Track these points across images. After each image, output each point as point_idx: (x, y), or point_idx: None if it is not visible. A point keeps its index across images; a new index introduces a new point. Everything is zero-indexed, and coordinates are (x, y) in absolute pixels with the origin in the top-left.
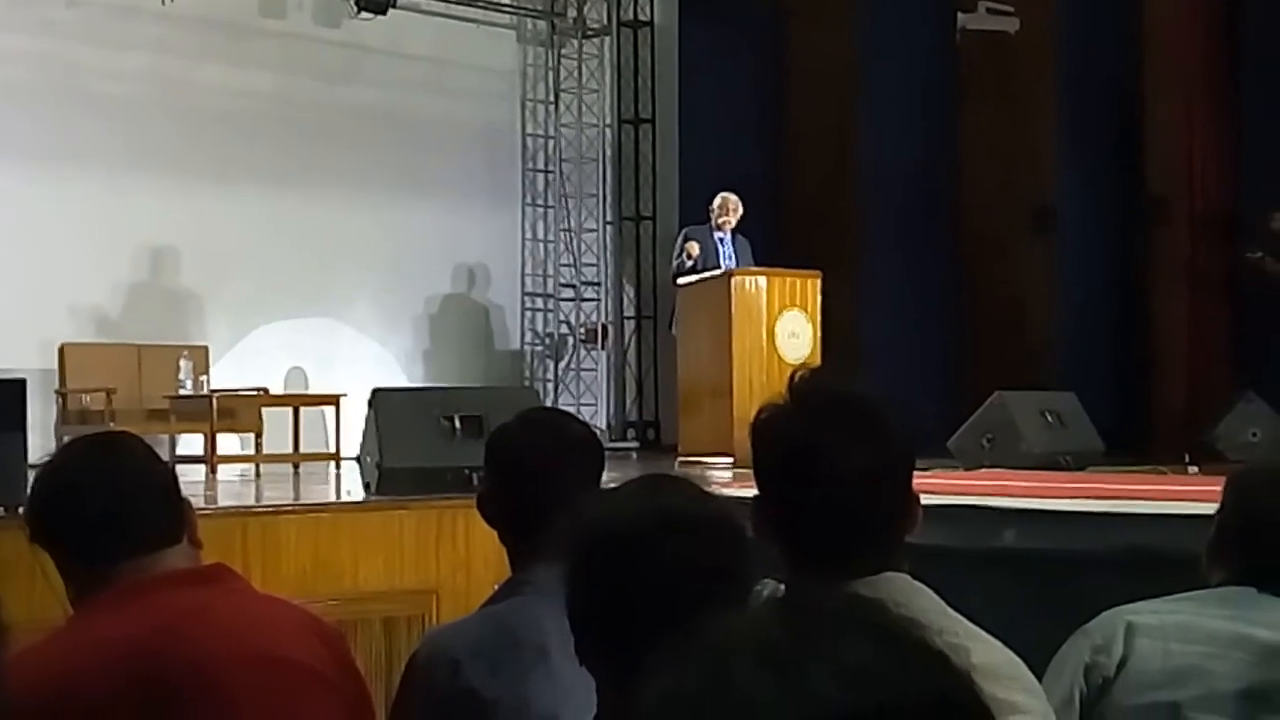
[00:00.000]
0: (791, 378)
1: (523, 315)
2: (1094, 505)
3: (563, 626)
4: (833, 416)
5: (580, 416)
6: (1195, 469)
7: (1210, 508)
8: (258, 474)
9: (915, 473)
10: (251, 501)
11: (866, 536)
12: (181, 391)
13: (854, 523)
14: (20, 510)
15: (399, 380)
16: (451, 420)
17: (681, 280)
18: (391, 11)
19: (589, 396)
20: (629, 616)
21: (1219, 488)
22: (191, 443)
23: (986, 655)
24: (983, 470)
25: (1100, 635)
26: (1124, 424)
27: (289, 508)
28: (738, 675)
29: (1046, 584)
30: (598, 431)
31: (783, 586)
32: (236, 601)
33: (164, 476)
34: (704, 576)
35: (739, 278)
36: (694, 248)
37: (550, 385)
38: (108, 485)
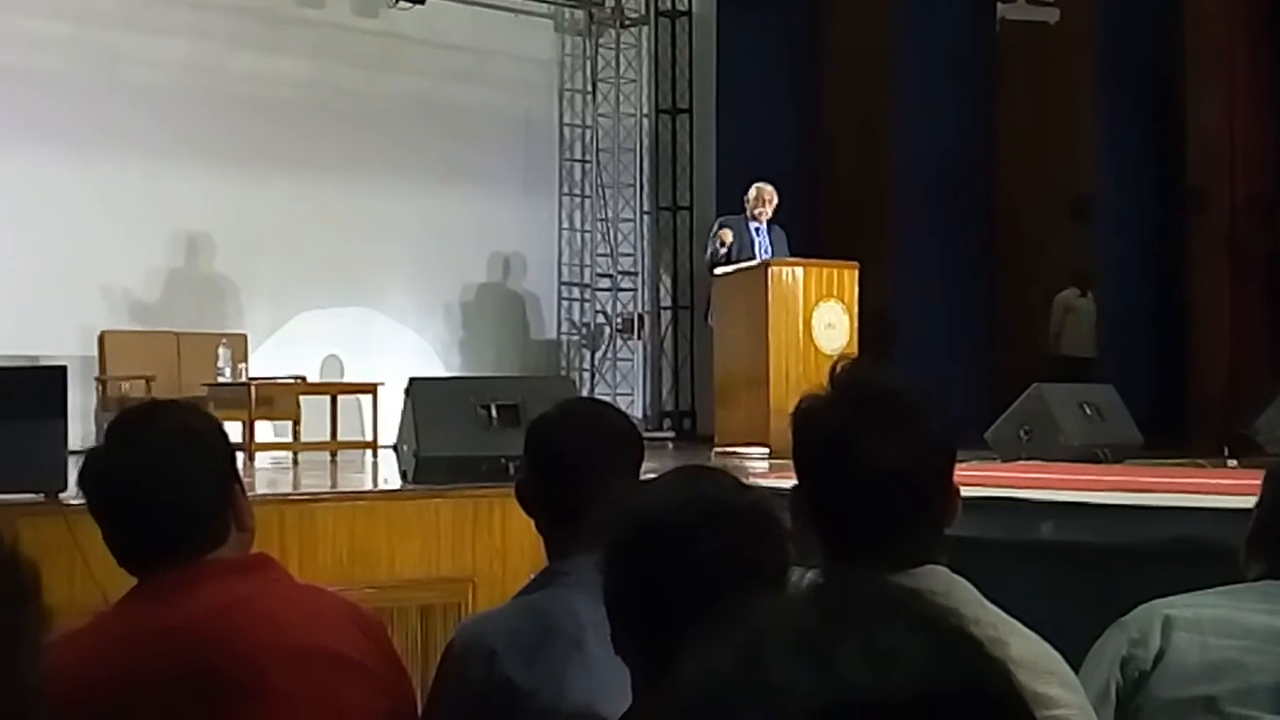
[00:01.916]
0: (832, 369)
1: (559, 305)
2: (1132, 498)
3: (598, 617)
4: (873, 408)
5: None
6: (1234, 462)
7: (1249, 501)
8: (295, 462)
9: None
10: (289, 489)
11: (905, 529)
12: (220, 379)
13: (892, 515)
14: (60, 496)
15: (435, 369)
16: (488, 409)
17: (718, 270)
18: (429, 1)
19: (625, 386)
20: (664, 605)
21: (1258, 481)
22: (230, 430)
23: (1024, 648)
24: (1020, 462)
25: (1137, 628)
26: (1163, 416)
27: (326, 496)
28: (769, 658)
29: (1084, 577)
30: (635, 421)
31: (809, 574)
32: (279, 591)
33: (210, 474)
34: (740, 567)
35: (776, 268)
36: (727, 234)
37: (587, 375)
38: (150, 507)
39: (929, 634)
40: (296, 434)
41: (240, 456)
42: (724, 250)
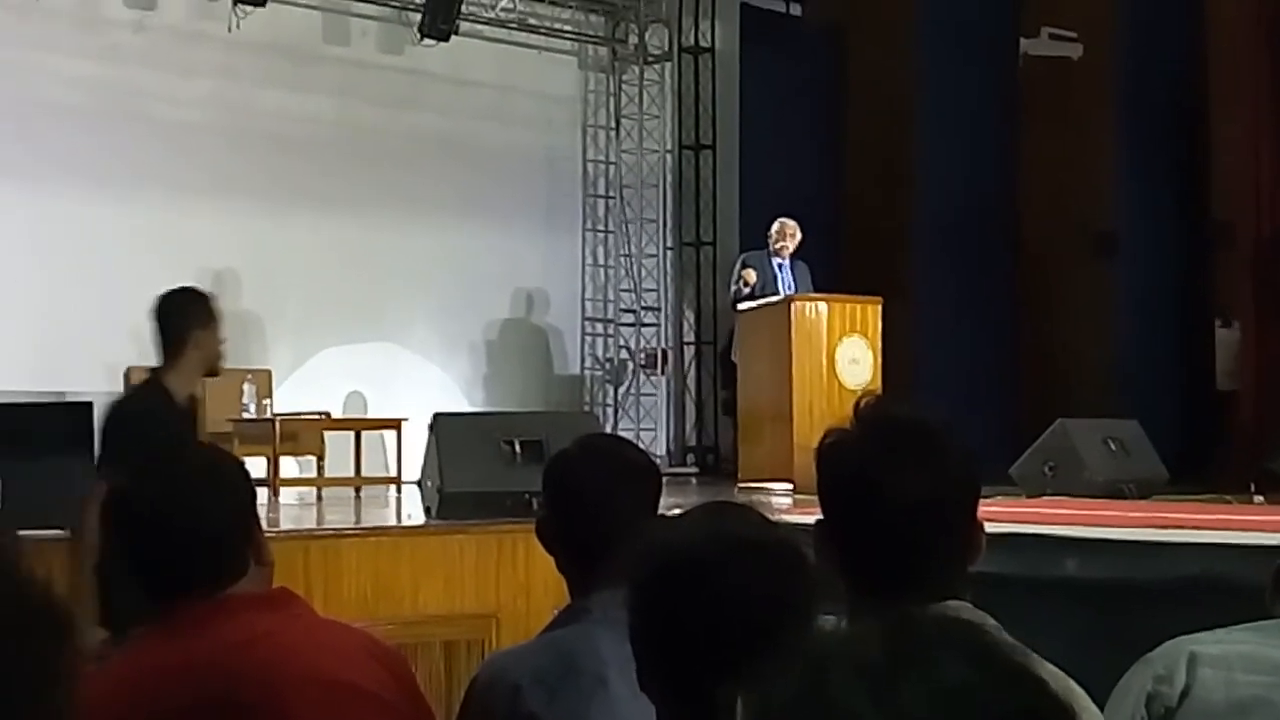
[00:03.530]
0: (856, 404)
1: (583, 340)
2: (1158, 535)
3: (621, 655)
4: (898, 444)
5: (639, 442)
6: (1261, 498)
7: (1276, 538)
8: (319, 497)
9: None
10: (313, 525)
11: (930, 564)
12: (245, 415)
13: (917, 550)
14: None
15: (459, 404)
16: (512, 445)
17: (741, 306)
18: (454, 38)
19: (649, 421)
20: (690, 642)
21: None
22: (254, 466)
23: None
24: (1045, 498)
25: (1163, 665)
26: (1189, 452)
27: (350, 531)
28: (834, 687)
29: (1109, 613)
30: (656, 458)
31: (830, 619)
32: (300, 626)
33: (231, 507)
34: (767, 603)
35: (799, 303)
36: (750, 275)
37: (610, 410)
38: (170, 535)
39: (991, 670)
40: (321, 469)
41: (265, 492)
42: (746, 290)
